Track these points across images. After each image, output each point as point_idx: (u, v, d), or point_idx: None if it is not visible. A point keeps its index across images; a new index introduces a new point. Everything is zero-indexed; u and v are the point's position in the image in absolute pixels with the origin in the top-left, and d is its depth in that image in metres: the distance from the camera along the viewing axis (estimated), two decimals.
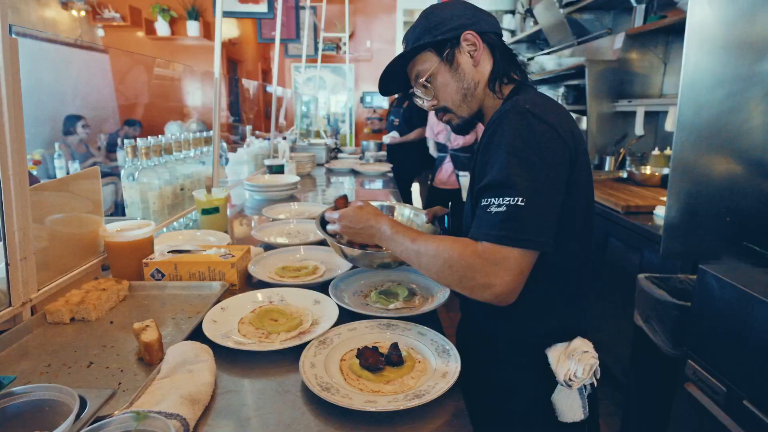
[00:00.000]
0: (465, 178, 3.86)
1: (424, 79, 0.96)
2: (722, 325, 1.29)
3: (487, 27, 0.94)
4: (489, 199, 0.77)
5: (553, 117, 0.80)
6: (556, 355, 0.86)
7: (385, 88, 1.06)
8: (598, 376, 0.88)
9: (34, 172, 3.33)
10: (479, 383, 0.94)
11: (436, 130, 4.14)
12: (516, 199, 0.74)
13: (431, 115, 4.08)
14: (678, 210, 1.58)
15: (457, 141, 3.89)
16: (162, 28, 5.41)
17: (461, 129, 1.01)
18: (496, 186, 0.76)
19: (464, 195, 3.84)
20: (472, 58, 0.93)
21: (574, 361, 0.83)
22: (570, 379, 0.83)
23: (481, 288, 0.75)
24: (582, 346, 0.85)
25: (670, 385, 1.58)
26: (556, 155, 0.78)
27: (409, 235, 0.88)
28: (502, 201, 0.75)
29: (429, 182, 4.13)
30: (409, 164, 4.59)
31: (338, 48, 6.94)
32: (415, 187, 5.00)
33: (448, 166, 4.00)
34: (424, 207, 1.38)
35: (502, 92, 0.95)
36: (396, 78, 1.03)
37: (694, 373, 1.38)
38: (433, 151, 4.24)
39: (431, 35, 0.94)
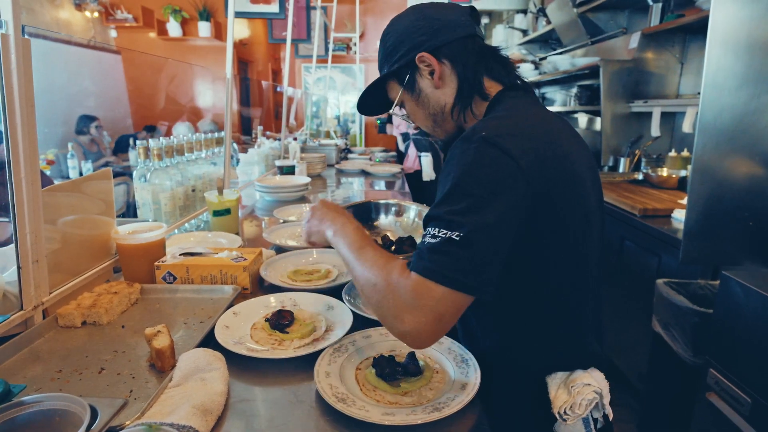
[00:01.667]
0: (426, 159, 3.96)
1: (392, 109, 0.94)
2: (747, 333, 1.25)
3: (446, 37, 0.84)
4: (428, 230, 0.69)
5: (516, 143, 0.69)
6: (556, 385, 0.79)
7: (370, 112, 1.02)
8: (608, 410, 0.79)
9: (48, 172, 3.36)
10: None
11: (396, 123, 4.29)
12: (453, 233, 0.65)
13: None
14: (698, 213, 1.53)
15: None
16: (174, 28, 5.45)
17: (447, 147, 0.92)
18: (436, 218, 0.69)
19: (425, 176, 3.92)
20: (433, 80, 0.86)
21: (572, 394, 0.76)
22: (565, 413, 0.75)
23: (392, 319, 0.67)
24: (584, 377, 0.77)
25: (689, 393, 1.54)
26: (510, 189, 0.67)
27: (357, 240, 0.79)
28: (438, 233, 0.67)
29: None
30: None
31: (348, 48, 6.94)
32: None
33: (411, 151, 4.20)
34: None
35: (474, 113, 0.86)
36: (379, 101, 0.98)
37: (717, 382, 1.34)
38: (401, 145, 4.35)
39: (389, 63, 0.89)
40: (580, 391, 0.75)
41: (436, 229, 0.67)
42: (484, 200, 0.66)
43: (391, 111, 0.95)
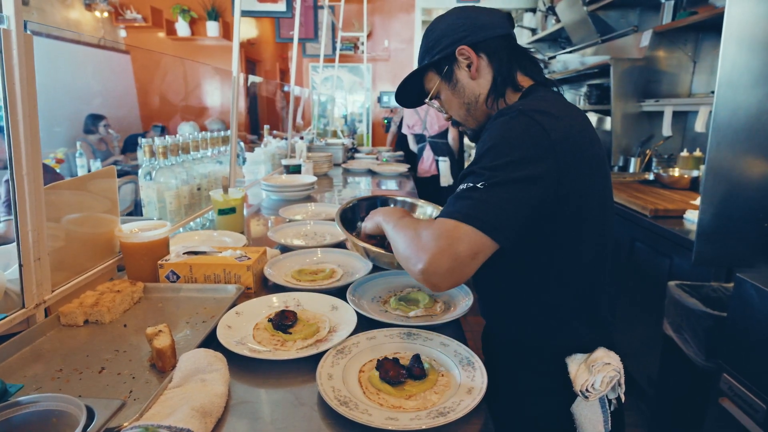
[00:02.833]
0: (444, 163, 3.88)
1: (428, 98, 1.01)
2: (761, 337, 1.22)
3: (485, 34, 0.91)
4: (460, 186, 0.77)
5: (548, 120, 0.76)
6: (576, 364, 0.83)
7: (405, 102, 1.09)
8: (622, 391, 0.83)
9: (57, 170, 3.38)
10: (500, 387, 0.90)
11: (411, 124, 4.16)
12: (477, 183, 0.73)
13: (405, 111, 4.14)
14: (712, 214, 1.50)
15: (434, 128, 3.93)
16: (182, 28, 5.47)
17: (474, 137, 1.01)
18: (468, 173, 0.77)
19: (443, 181, 3.85)
20: (469, 72, 0.93)
21: (592, 372, 0.79)
22: (587, 390, 0.79)
23: (414, 260, 0.72)
24: (604, 357, 0.81)
25: (701, 398, 1.50)
26: (538, 156, 0.74)
27: (398, 214, 0.91)
28: (467, 185, 0.74)
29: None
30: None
31: (356, 47, 6.92)
32: None
33: (428, 154, 3.99)
34: None
35: (507, 103, 0.92)
36: (414, 92, 1.05)
37: (730, 387, 1.31)
38: (412, 145, 4.24)
39: (430, 55, 0.96)
40: (600, 369, 0.79)
41: (465, 183, 0.75)
42: (513, 160, 0.73)
43: (426, 100, 1.02)
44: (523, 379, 0.91)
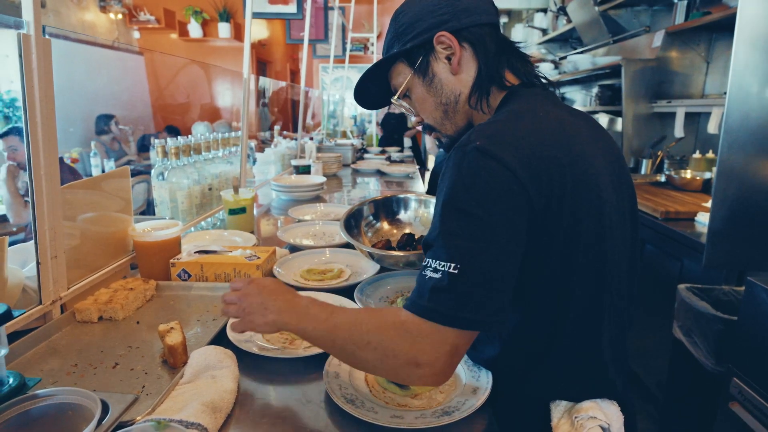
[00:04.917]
0: None
1: (396, 96, 0.85)
2: None
3: (470, 20, 0.77)
4: (428, 260, 0.62)
5: (515, 152, 0.62)
6: (559, 413, 0.72)
7: (366, 102, 0.94)
8: None
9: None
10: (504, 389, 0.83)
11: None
12: (451, 264, 0.59)
13: None
14: (723, 217, 1.49)
15: None
16: (194, 30, 5.54)
17: (450, 147, 0.83)
18: (431, 244, 0.63)
19: None
20: (450, 65, 0.78)
21: (575, 425, 0.68)
22: None
23: (407, 367, 0.61)
24: (591, 409, 0.69)
25: (711, 402, 1.49)
26: (509, 205, 0.61)
27: (325, 309, 0.71)
28: (439, 266, 0.60)
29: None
30: None
31: (366, 48, 6.95)
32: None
33: None
34: None
35: (490, 105, 0.79)
36: (379, 89, 0.90)
37: (740, 392, 1.29)
38: (432, 147, 4.05)
39: (401, 42, 0.80)
40: (583, 424, 0.67)
41: (436, 261, 0.61)
42: (482, 220, 0.59)
43: (394, 99, 0.85)
44: (506, 420, 0.76)
